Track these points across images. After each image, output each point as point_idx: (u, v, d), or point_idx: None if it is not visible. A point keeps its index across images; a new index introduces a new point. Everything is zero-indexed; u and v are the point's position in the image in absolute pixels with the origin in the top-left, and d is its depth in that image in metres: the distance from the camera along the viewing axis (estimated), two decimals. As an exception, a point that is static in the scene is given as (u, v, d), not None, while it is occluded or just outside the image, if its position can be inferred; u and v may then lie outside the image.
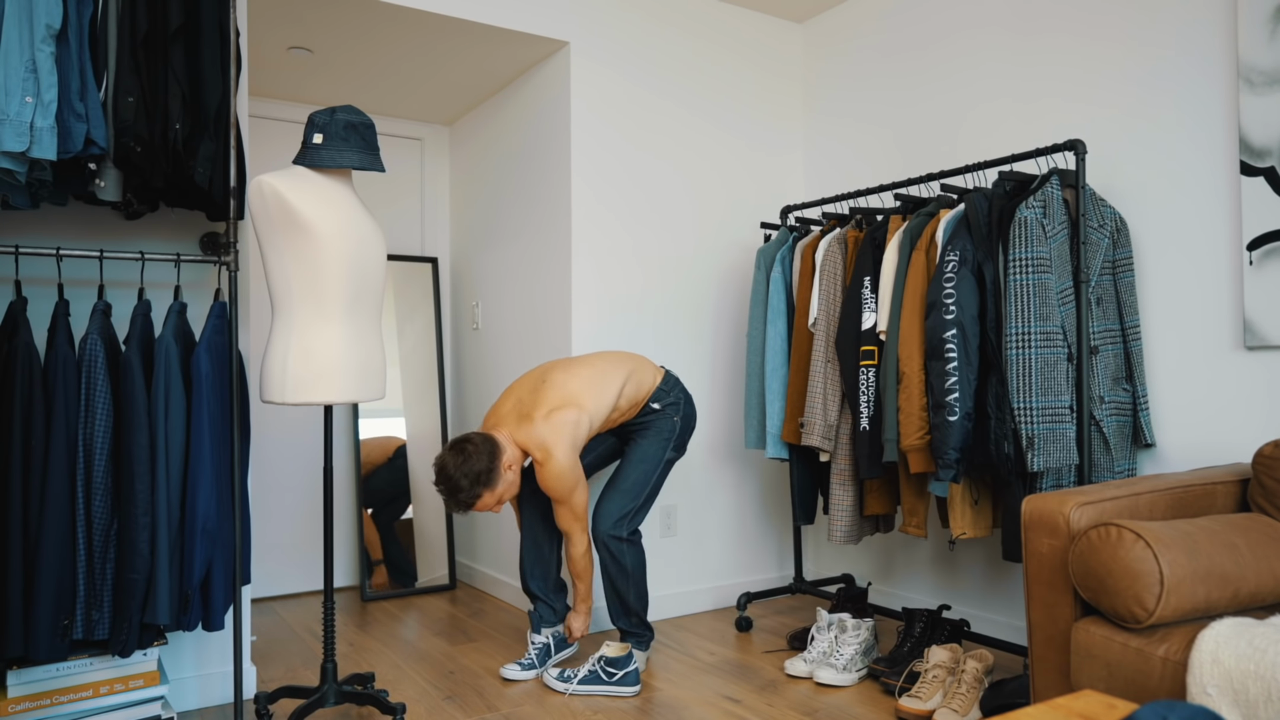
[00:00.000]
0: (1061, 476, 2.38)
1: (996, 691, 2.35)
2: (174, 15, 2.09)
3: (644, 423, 2.80)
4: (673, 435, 2.79)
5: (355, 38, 3.25)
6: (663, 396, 2.79)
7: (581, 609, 2.83)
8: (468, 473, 2.50)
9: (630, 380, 2.74)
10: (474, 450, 2.52)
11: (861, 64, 3.53)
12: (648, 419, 2.79)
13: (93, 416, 2.09)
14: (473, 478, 2.50)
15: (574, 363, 2.74)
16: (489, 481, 2.53)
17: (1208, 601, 1.68)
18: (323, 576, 3.88)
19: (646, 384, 2.78)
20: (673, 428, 2.79)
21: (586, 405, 2.62)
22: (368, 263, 2.24)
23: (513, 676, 2.72)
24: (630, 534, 2.72)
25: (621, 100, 3.36)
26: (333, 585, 2.40)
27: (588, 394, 2.64)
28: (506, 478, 2.59)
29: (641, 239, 3.40)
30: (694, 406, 2.87)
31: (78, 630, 2.07)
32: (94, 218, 2.42)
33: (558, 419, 2.57)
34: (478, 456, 2.51)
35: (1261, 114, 2.31)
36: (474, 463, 2.51)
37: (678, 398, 2.82)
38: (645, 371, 2.80)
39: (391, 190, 4.21)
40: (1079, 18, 2.75)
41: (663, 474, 2.79)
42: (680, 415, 2.81)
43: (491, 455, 2.53)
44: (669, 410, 2.79)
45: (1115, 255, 2.52)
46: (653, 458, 2.76)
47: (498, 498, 2.58)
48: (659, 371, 2.85)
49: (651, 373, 2.82)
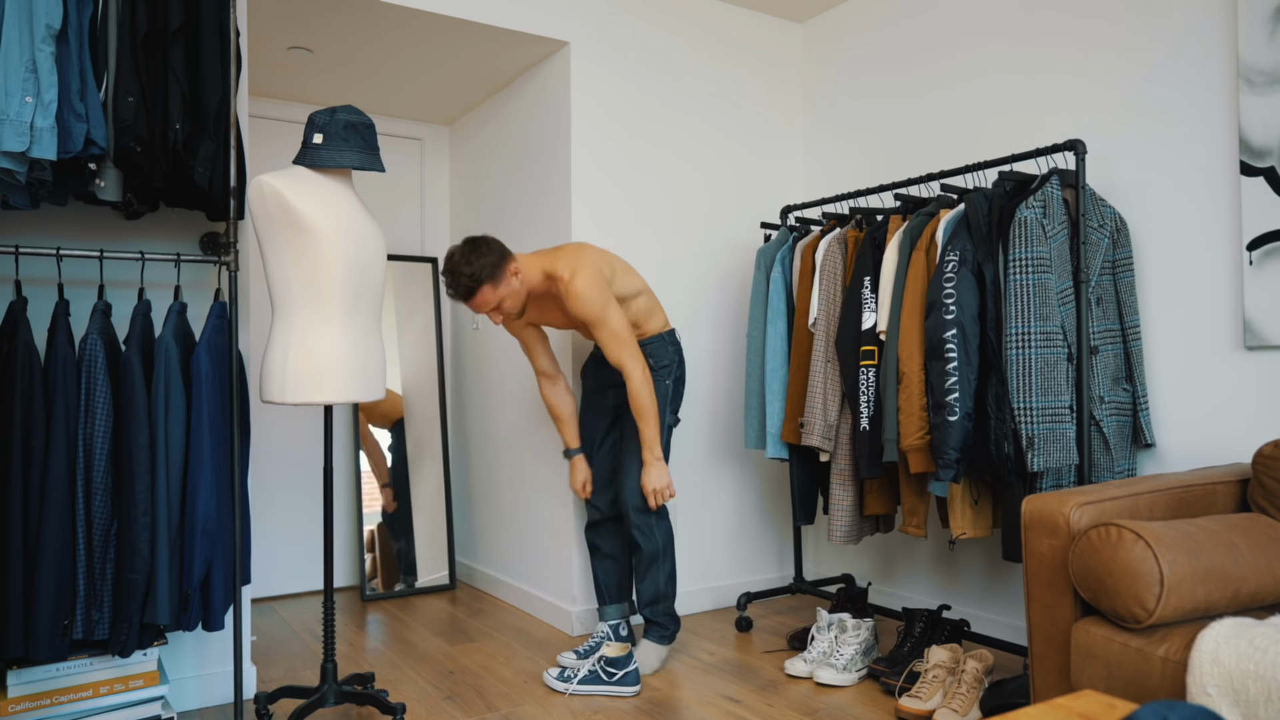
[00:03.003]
0: (1061, 476, 2.38)
1: (996, 691, 2.35)
2: (174, 15, 2.09)
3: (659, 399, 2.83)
4: (666, 399, 2.82)
5: (355, 38, 3.25)
6: (660, 354, 2.82)
7: (647, 462, 2.69)
8: (471, 260, 2.51)
9: (643, 295, 2.80)
10: (485, 245, 2.54)
11: (861, 64, 3.53)
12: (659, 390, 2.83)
13: (93, 416, 2.09)
14: (477, 266, 2.51)
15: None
16: (492, 275, 2.52)
17: (1208, 601, 1.68)
18: (323, 576, 3.88)
19: (656, 320, 2.84)
20: (665, 391, 2.82)
21: (606, 265, 2.70)
22: (368, 263, 2.24)
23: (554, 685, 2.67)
24: (658, 507, 2.77)
25: (622, 101, 3.36)
26: (333, 585, 2.40)
27: (609, 261, 2.73)
28: (511, 284, 2.58)
29: (641, 239, 3.40)
30: (685, 368, 2.91)
31: (78, 630, 2.07)
32: (94, 218, 2.42)
33: (584, 250, 2.67)
34: (487, 251, 2.53)
35: (1261, 114, 2.31)
36: (481, 253, 2.52)
37: (671, 359, 2.84)
38: (657, 308, 2.86)
39: (391, 190, 4.21)
40: (1080, 17, 2.75)
41: (666, 440, 2.85)
42: (672, 379, 2.84)
43: (502, 255, 2.55)
44: (662, 373, 2.82)
45: (1115, 255, 2.52)
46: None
47: (499, 298, 2.56)
48: (667, 324, 2.89)
49: (661, 315, 2.88)
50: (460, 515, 4.13)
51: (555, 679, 2.63)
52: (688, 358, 3.50)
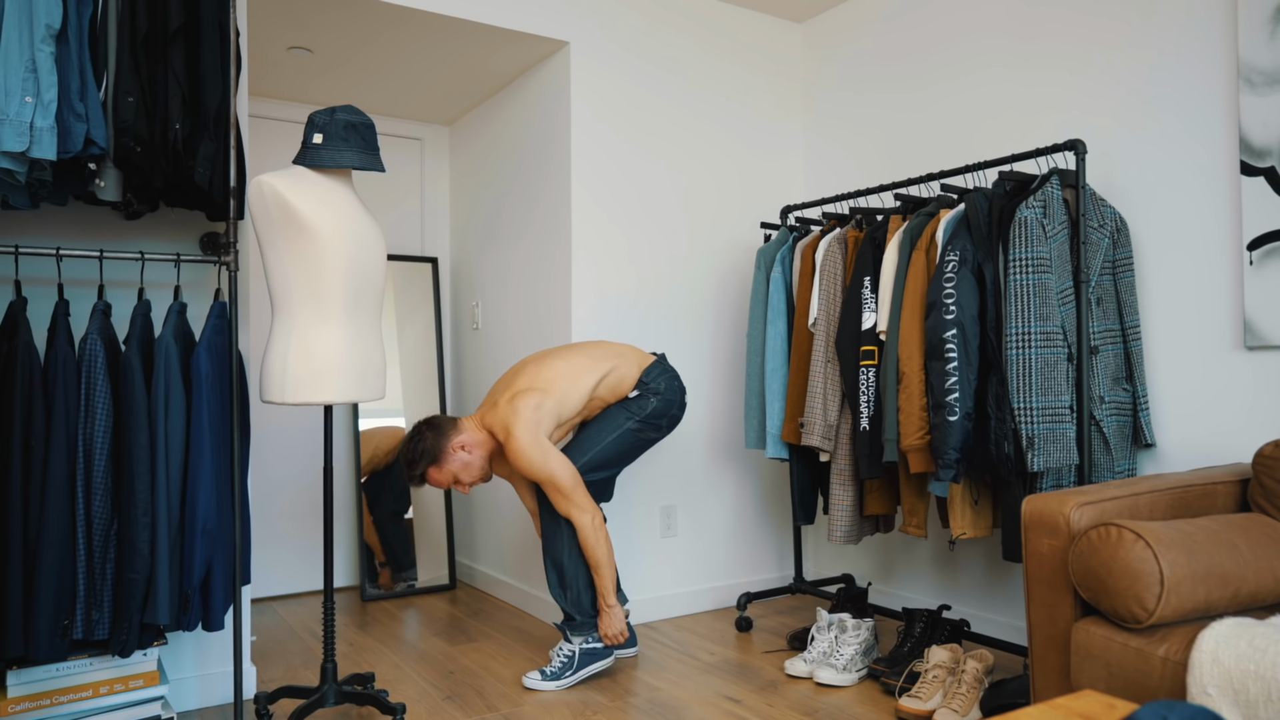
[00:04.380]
0: (1061, 476, 2.38)
1: (996, 691, 2.35)
2: (174, 15, 2.09)
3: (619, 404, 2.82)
4: (641, 411, 2.77)
5: (355, 38, 3.25)
6: (641, 386, 2.80)
7: (601, 609, 2.70)
8: (413, 449, 2.66)
9: (610, 376, 2.77)
10: (425, 429, 2.67)
11: (862, 64, 3.53)
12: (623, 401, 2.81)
13: (93, 416, 2.09)
14: (417, 454, 2.65)
15: (550, 355, 2.77)
16: (434, 458, 2.65)
17: (1208, 601, 1.68)
18: (323, 576, 3.88)
19: (629, 379, 2.79)
20: (644, 405, 2.78)
21: (552, 391, 2.67)
22: (368, 263, 2.24)
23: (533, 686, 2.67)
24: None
25: (621, 100, 3.36)
26: (333, 585, 2.40)
27: (557, 382, 2.69)
28: (458, 457, 2.67)
29: (641, 238, 3.40)
30: (678, 392, 2.83)
31: (78, 630, 2.07)
32: (94, 218, 2.42)
33: (518, 401, 2.65)
34: (426, 435, 2.66)
35: (1261, 114, 2.31)
36: (420, 441, 2.66)
37: (657, 386, 2.80)
38: (628, 367, 2.80)
39: (391, 190, 4.21)
40: (1080, 15, 2.75)
41: (620, 440, 2.76)
42: (659, 398, 2.79)
43: (439, 434, 2.65)
44: (646, 394, 2.79)
45: (1115, 255, 2.52)
46: (611, 420, 2.77)
47: (450, 476, 2.68)
48: (646, 361, 2.83)
49: (637, 367, 2.81)
50: (460, 515, 4.13)
51: (540, 681, 2.65)
52: (688, 358, 3.50)
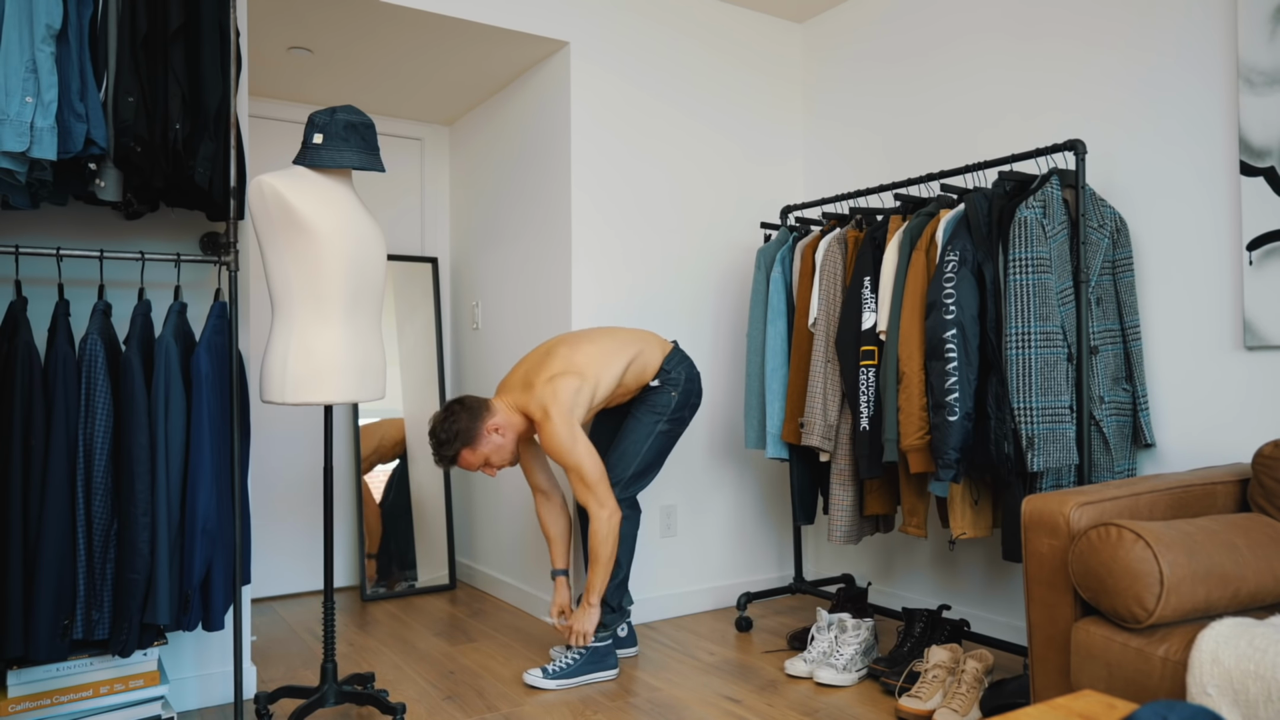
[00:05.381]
0: (1061, 476, 2.38)
1: (996, 691, 2.35)
2: (174, 15, 2.09)
3: (641, 398, 2.84)
4: (667, 409, 2.81)
5: (355, 38, 3.25)
6: (663, 375, 2.83)
7: (584, 604, 2.69)
8: (447, 429, 2.62)
9: (636, 360, 2.79)
10: (459, 409, 2.64)
11: (862, 64, 3.53)
12: (645, 395, 2.84)
13: (93, 416, 2.09)
14: (451, 434, 2.61)
15: (581, 338, 2.79)
16: (468, 440, 2.62)
17: (1208, 601, 1.68)
18: (323, 576, 3.88)
19: (653, 364, 2.82)
20: (668, 401, 2.82)
21: (589, 375, 2.68)
22: (367, 263, 2.24)
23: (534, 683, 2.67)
24: (622, 500, 2.78)
25: (621, 100, 3.36)
26: (333, 585, 2.40)
27: (592, 365, 2.70)
28: (492, 439, 2.66)
29: (641, 238, 3.40)
30: (697, 381, 2.87)
31: (78, 630, 2.07)
32: (94, 218, 2.42)
33: (558, 383, 2.64)
34: (460, 415, 2.63)
35: (1261, 114, 2.31)
36: (455, 421, 2.62)
37: (678, 375, 2.83)
38: (652, 351, 2.83)
39: (391, 190, 4.21)
40: (1080, 15, 2.75)
41: (656, 443, 2.81)
42: (678, 390, 2.83)
43: (474, 416, 2.63)
44: (667, 386, 2.82)
45: (1115, 255, 2.52)
46: (644, 427, 2.80)
47: (482, 458, 2.67)
48: (666, 347, 2.87)
49: (659, 352, 2.84)
50: (460, 515, 4.13)
51: (541, 678, 2.65)
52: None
